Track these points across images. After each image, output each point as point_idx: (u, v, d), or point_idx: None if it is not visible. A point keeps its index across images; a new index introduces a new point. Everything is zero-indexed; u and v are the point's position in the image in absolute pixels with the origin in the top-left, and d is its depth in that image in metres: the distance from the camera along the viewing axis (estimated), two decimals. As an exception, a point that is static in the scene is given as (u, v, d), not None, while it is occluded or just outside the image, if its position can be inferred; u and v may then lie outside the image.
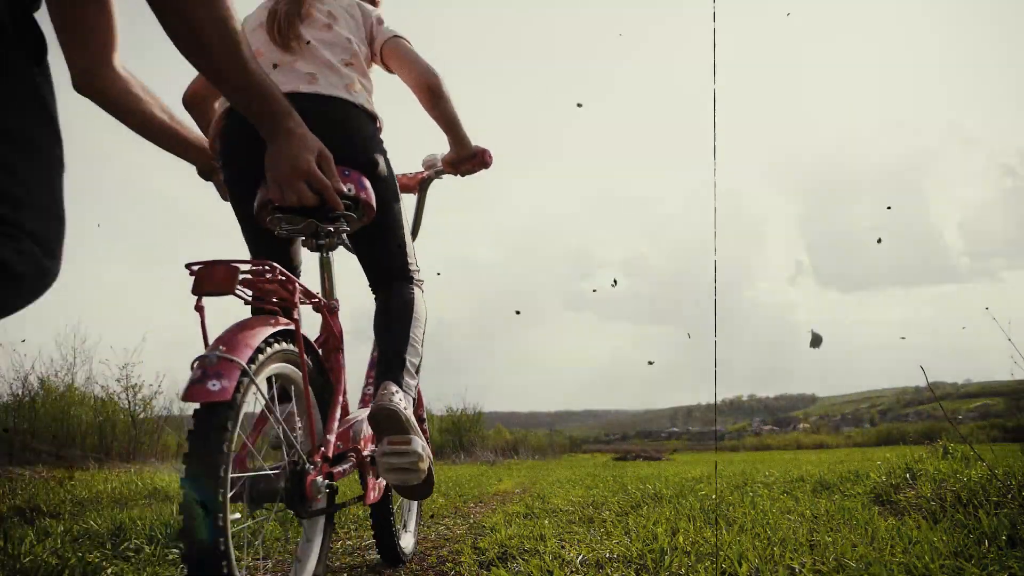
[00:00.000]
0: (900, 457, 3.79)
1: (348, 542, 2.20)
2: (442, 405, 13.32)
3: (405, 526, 1.92)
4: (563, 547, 1.89)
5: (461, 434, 12.45)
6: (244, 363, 0.99)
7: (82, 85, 1.30)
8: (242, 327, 1.07)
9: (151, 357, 8.02)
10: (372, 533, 1.72)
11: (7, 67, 0.85)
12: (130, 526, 2.21)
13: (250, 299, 1.17)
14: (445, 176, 1.88)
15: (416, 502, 2.05)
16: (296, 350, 1.19)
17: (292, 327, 1.17)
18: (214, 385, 0.94)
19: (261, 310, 1.21)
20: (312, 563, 1.32)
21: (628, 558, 1.69)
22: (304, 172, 1.16)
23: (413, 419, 1.33)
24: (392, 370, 1.42)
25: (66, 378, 7.35)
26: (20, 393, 6.79)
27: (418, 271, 1.67)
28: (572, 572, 1.60)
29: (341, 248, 1.57)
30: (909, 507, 2.38)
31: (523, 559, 1.74)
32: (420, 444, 1.31)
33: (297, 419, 1.25)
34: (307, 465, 1.20)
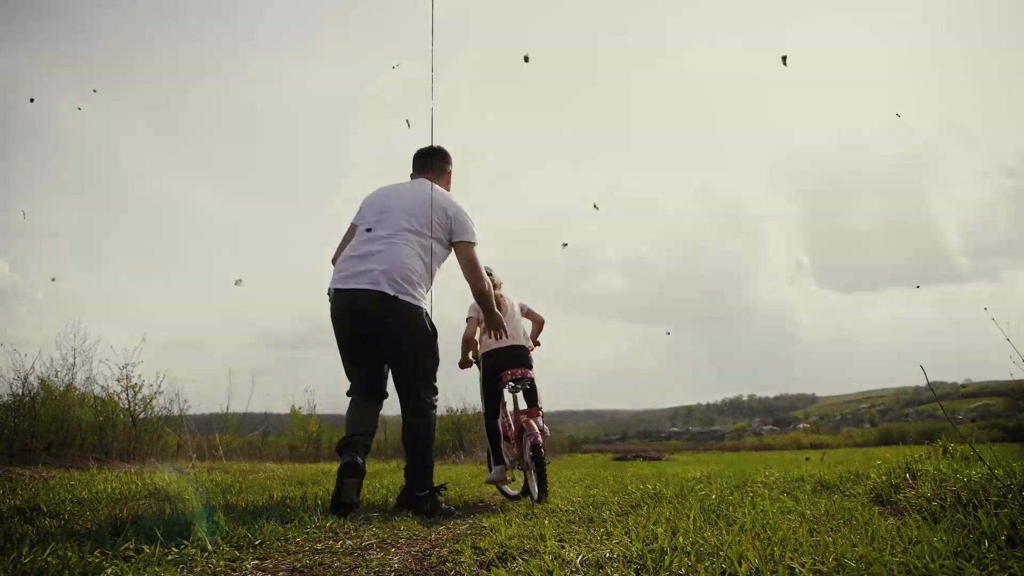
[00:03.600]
0: (900, 457, 3.78)
1: (348, 541, 2.20)
2: (442, 405, 13.28)
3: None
4: (563, 547, 1.89)
5: (461, 434, 12.41)
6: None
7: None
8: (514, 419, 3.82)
9: (151, 357, 8.01)
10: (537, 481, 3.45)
11: (425, 328, 3.08)
12: (130, 526, 2.21)
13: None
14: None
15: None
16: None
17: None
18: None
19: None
20: (535, 488, 3.39)
21: (628, 558, 1.69)
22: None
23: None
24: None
25: (66, 378, 7.34)
26: (20, 393, 6.78)
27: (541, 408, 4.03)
28: (572, 572, 1.60)
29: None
30: (909, 507, 2.38)
31: (523, 559, 1.74)
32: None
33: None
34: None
